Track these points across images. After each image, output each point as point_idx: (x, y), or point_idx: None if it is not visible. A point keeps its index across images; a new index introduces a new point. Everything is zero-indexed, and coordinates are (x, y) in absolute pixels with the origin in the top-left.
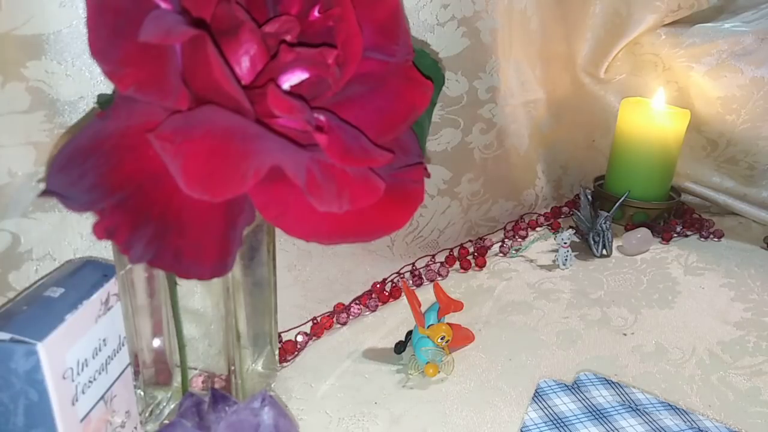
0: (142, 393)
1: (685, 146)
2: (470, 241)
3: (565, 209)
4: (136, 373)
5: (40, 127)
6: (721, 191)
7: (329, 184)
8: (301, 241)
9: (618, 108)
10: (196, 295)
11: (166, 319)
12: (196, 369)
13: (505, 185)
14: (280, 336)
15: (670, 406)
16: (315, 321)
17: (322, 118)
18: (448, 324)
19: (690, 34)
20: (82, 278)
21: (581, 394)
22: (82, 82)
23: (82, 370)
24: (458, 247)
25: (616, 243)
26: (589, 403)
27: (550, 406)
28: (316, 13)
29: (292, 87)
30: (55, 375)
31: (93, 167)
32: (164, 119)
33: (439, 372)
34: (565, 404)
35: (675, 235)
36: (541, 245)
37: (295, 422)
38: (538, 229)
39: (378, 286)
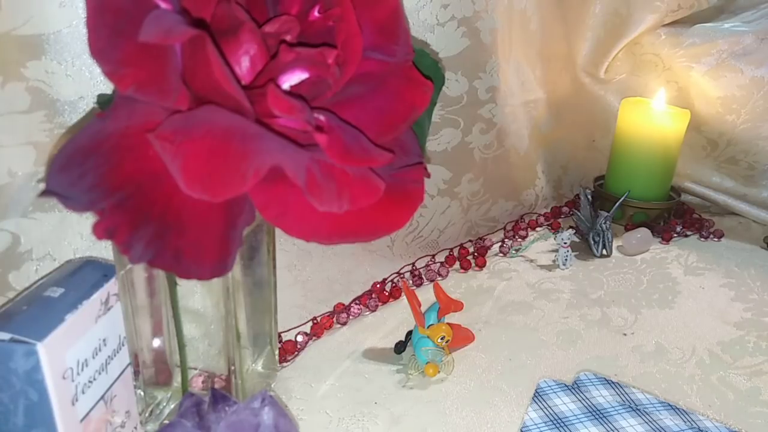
0: (142, 393)
1: (685, 146)
2: (470, 241)
3: (565, 209)
4: (136, 373)
5: (40, 127)
6: (721, 191)
7: (329, 184)
8: (301, 241)
9: (618, 108)
10: (196, 295)
11: (166, 319)
12: (196, 369)
13: (505, 185)
14: (280, 336)
15: (670, 406)
16: (315, 321)
17: (322, 118)
18: (448, 324)
19: (690, 34)
20: (82, 278)
21: (581, 394)
22: (82, 82)
23: (82, 370)
24: (458, 247)
25: (616, 243)
26: (589, 403)
27: (550, 406)
28: (316, 13)
29: (292, 87)
30: (55, 375)
31: (93, 167)
32: (164, 119)
33: (439, 372)
34: (565, 404)
35: (675, 235)
36: (541, 245)
37: (295, 422)
38: (538, 229)
39: (378, 286)
